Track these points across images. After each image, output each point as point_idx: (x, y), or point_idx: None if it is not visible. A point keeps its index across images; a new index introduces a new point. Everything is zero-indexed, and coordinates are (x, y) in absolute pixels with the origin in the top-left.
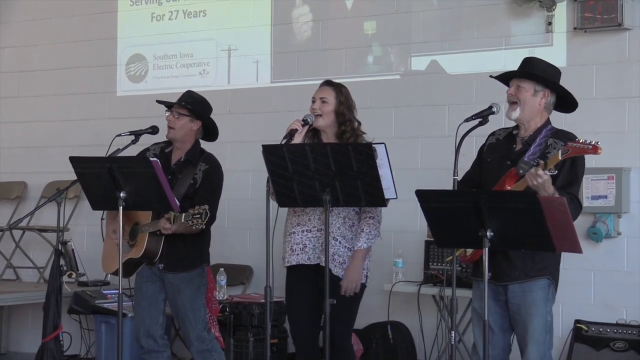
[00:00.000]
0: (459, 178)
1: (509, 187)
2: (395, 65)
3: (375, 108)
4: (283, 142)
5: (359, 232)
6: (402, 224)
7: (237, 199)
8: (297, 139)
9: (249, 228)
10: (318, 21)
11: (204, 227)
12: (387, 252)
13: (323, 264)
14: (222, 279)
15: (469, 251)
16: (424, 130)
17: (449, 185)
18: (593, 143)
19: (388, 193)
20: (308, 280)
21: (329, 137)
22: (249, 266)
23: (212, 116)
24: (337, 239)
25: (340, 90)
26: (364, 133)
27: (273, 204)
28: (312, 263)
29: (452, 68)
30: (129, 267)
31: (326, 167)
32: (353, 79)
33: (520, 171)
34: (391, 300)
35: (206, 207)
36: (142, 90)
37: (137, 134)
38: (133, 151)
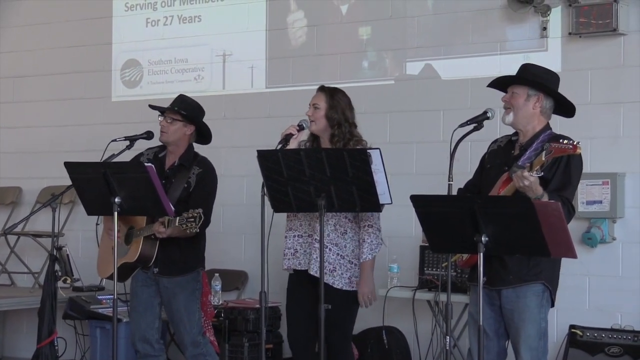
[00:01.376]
0: (453, 183)
1: (501, 192)
2: (390, 70)
3: (370, 113)
4: (278, 147)
5: (360, 244)
6: (397, 229)
7: (232, 204)
8: (293, 144)
9: (244, 233)
10: (313, 26)
11: (198, 230)
12: (382, 257)
13: (311, 272)
14: (217, 284)
15: (465, 255)
16: (418, 136)
17: (444, 191)
18: (574, 143)
19: (383, 198)
20: (305, 285)
21: (324, 141)
22: (243, 271)
23: (207, 121)
24: (326, 246)
25: (331, 95)
26: (355, 137)
27: (268, 209)
28: (302, 269)
29: (447, 73)
30: (124, 272)
31: (321, 172)
32: (348, 84)
33: (512, 175)
34: (386, 305)
35: (200, 210)
36: (137, 95)
37: (132, 139)
38: (128, 156)
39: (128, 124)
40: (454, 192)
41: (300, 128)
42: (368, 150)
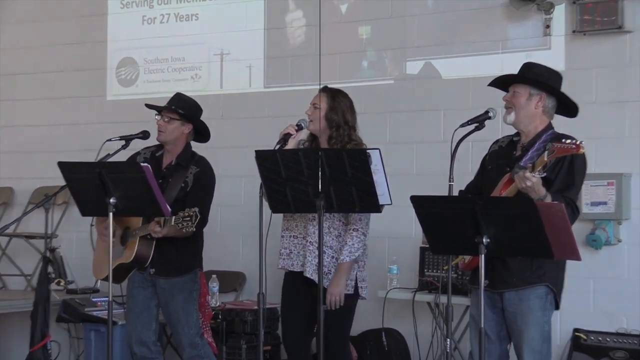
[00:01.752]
0: (454, 183)
1: (503, 193)
2: (390, 69)
3: (370, 113)
4: (277, 147)
5: (342, 245)
6: (397, 230)
7: (230, 204)
8: (291, 144)
9: (242, 234)
10: (312, 26)
11: (195, 229)
12: (381, 258)
13: (307, 275)
14: (214, 285)
15: (467, 258)
16: (419, 136)
17: (444, 191)
18: (577, 142)
19: (382, 199)
20: (300, 286)
21: (323, 142)
22: (241, 272)
23: (204, 121)
24: None
25: (333, 96)
26: (353, 140)
27: (266, 210)
28: (297, 270)
29: (447, 72)
30: (120, 273)
31: (320, 172)
32: (347, 84)
33: (515, 176)
34: (386, 307)
35: (196, 209)
36: (133, 94)
37: (127, 139)
38: (123, 156)
39: (123, 123)
40: (455, 193)
41: (299, 128)
42: (367, 151)
